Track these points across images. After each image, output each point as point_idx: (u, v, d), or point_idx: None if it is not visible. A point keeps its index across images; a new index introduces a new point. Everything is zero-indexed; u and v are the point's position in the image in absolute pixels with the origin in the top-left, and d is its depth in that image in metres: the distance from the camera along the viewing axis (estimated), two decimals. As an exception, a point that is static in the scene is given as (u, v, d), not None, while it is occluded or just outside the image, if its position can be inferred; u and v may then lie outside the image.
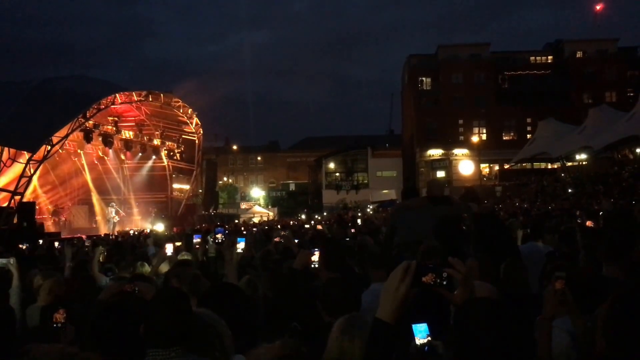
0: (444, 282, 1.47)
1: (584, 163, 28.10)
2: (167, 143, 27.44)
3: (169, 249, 4.85)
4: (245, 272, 3.88)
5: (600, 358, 1.46)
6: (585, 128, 24.92)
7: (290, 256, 4.54)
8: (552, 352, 2.03)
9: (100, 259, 5.19)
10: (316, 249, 3.45)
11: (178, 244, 5.52)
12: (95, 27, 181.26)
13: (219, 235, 3.82)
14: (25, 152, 18.32)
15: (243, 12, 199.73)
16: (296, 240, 6.00)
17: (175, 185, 30.20)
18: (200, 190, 32.86)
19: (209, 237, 4.95)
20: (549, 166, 35.52)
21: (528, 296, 3.09)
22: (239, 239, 4.06)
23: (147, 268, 4.79)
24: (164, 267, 4.63)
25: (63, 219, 24.82)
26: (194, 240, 5.25)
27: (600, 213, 9.95)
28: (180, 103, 25.31)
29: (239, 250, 3.90)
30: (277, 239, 6.39)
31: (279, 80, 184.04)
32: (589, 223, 6.93)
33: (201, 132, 28.26)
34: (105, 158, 26.78)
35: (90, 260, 5.36)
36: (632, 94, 35.21)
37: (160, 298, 2.12)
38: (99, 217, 26.14)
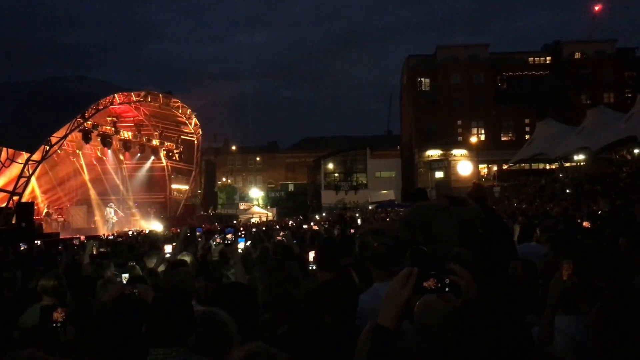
0: (446, 289, 1.48)
1: (582, 164, 28.15)
2: (166, 143, 27.43)
3: (168, 249, 4.85)
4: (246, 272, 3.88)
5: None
6: (584, 129, 24.99)
7: (290, 256, 4.55)
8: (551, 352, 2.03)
9: (94, 251, 5.19)
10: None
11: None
12: (97, 29, 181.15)
13: (229, 236, 3.83)
14: (23, 152, 18.29)
15: (243, 14, 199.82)
16: (294, 242, 6.01)
17: (174, 186, 30.20)
18: (199, 191, 32.89)
19: (211, 240, 4.94)
20: (547, 167, 35.61)
21: (536, 295, 3.10)
22: (239, 239, 4.08)
23: (138, 270, 4.78)
24: (162, 268, 4.63)
25: (61, 219, 24.77)
26: (197, 234, 5.26)
27: (600, 212, 10.01)
28: (179, 103, 25.33)
29: (239, 250, 3.91)
30: (279, 238, 6.39)
31: (278, 80, 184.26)
32: (586, 224, 6.97)
33: (200, 132, 28.27)
34: (104, 158, 26.75)
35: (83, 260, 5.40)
36: (630, 95, 35.34)
37: (161, 298, 2.13)
38: (97, 218, 26.10)
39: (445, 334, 1.67)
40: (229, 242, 3.81)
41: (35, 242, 11.20)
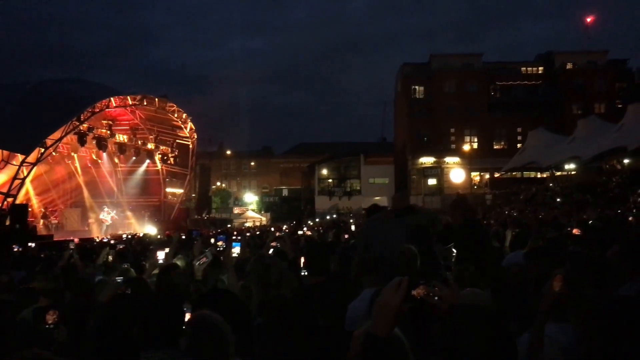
0: (435, 297, 1.55)
1: (572, 173, 28.42)
2: (161, 147, 27.37)
3: (160, 255, 4.88)
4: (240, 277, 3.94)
5: None
6: (575, 138, 25.28)
7: (284, 260, 4.61)
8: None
9: (110, 258, 5.23)
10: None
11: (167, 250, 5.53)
12: (95, 32, 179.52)
13: (220, 243, 3.86)
14: (18, 154, 18.22)
15: (241, 20, 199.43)
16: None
17: (169, 190, 30.11)
18: (194, 195, 32.82)
19: (207, 250, 4.95)
20: (539, 175, 35.89)
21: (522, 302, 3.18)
22: (234, 243, 4.13)
23: (132, 273, 4.82)
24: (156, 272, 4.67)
25: (55, 221, 24.62)
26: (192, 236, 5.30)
27: (590, 222, 10.15)
28: (174, 107, 25.32)
29: (234, 255, 3.96)
30: (273, 244, 6.44)
31: (274, 86, 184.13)
32: (576, 231, 7.08)
33: (195, 136, 28.25)
34: (99, 161, 26.63)
35: (77, 262, 5.46)
36: (620, 106, 35.68)
37: (153, 301, 2.19)
38: (91, 220, 25.96)
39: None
40: (220, 249, 3.84)
41: (29, 244, 11.18)
